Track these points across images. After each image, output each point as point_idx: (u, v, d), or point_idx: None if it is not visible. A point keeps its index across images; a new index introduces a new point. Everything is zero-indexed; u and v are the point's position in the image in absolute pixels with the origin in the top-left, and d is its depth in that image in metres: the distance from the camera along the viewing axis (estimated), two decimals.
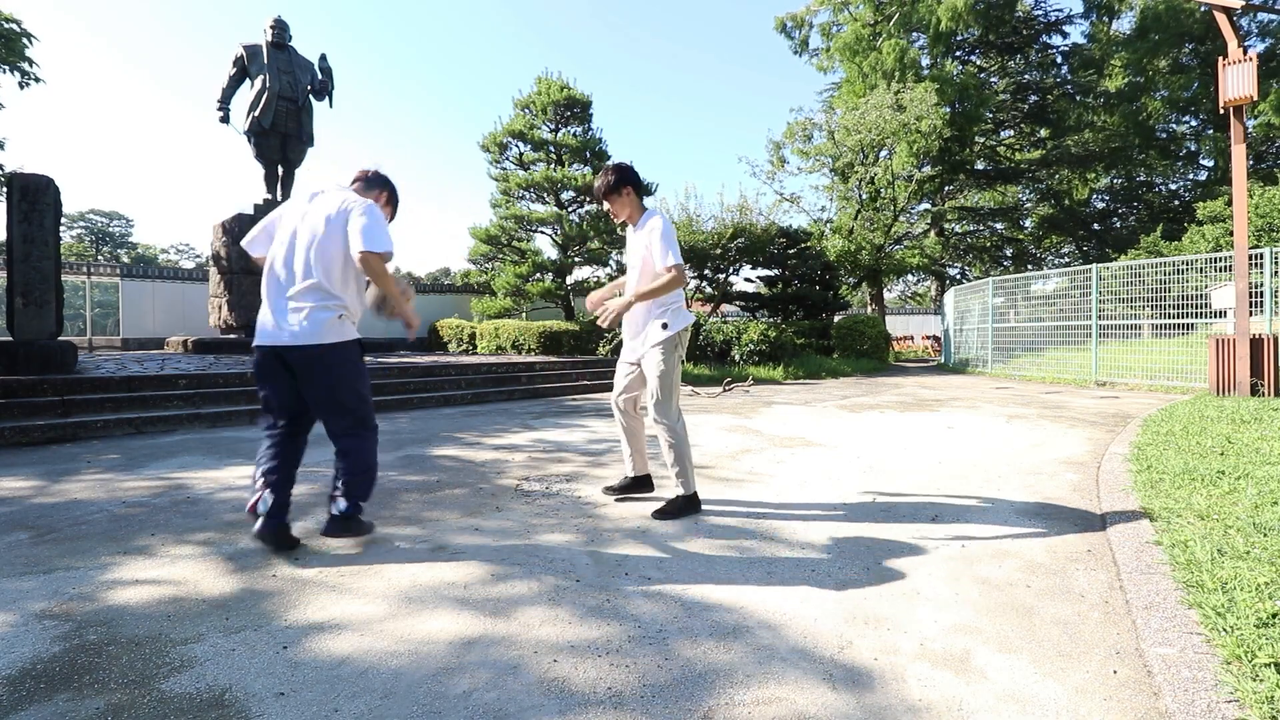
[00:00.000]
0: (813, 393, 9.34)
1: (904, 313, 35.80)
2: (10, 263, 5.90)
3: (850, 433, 5.54)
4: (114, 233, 49.66)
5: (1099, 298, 11.04)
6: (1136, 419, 6.00)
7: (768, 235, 14.92)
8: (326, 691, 1.53)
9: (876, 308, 23.38)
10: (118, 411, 5.54)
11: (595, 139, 16.14)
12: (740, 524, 2.89)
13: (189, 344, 10.82)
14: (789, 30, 25.86)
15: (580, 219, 16.02)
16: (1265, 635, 1.60)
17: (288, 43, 11.68)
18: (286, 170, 11.91)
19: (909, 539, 2.68)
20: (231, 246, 11.03)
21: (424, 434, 5.42)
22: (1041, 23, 25.75)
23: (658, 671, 1.63)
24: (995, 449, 4.75)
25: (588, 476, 3.84)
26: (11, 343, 5.77)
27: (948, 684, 1.58)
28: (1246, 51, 7.31)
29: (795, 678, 1.61)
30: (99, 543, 2.59)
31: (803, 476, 3.85)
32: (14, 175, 5.94)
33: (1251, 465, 3.47)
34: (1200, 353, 9.03)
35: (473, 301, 16.57)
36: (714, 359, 12.69)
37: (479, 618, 1.94)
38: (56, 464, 4.09)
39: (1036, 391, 9.46)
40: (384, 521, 2.92)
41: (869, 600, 2.07)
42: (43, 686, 1.54)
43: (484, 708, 1.47)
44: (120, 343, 14.11)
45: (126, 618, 1.92)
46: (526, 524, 2.89)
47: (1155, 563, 2.23)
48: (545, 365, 10.18)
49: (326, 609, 1.99)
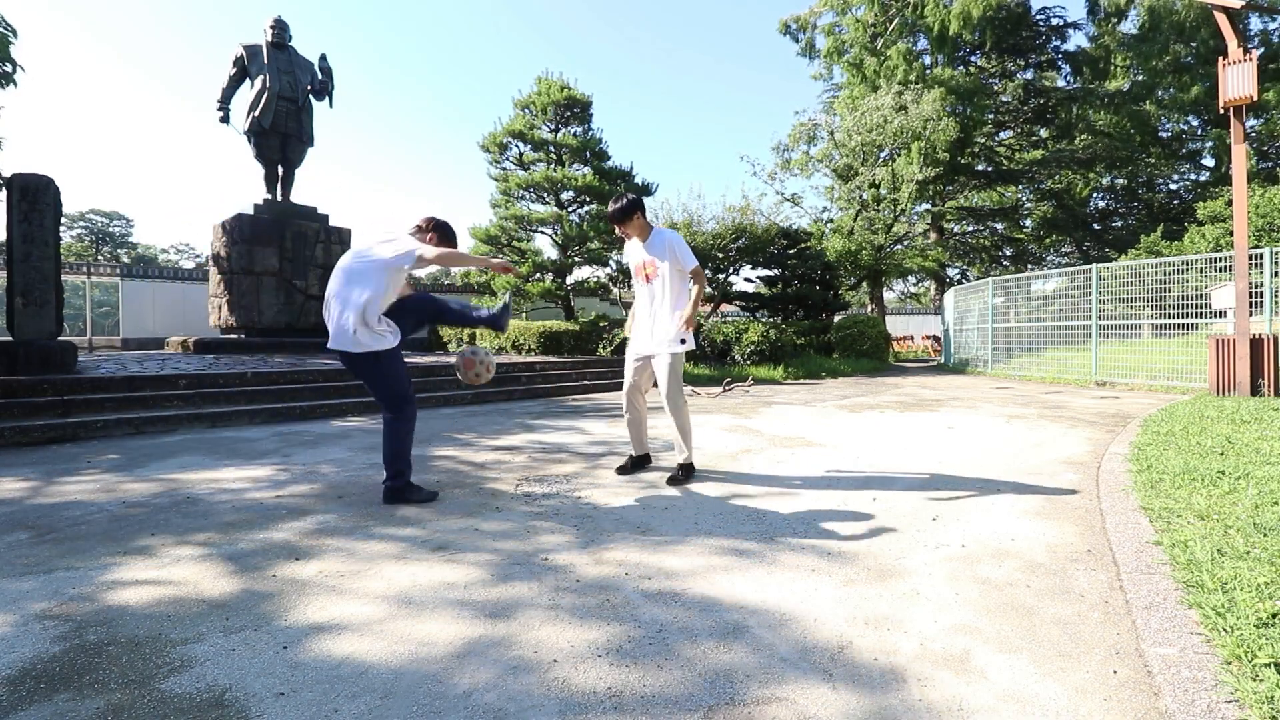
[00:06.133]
0: (813, 393, 9.34)
1: (904, 313, 35.80)
2: (10, 263, 5.90)
3: (850, 433, 5.54)
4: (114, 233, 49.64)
5: (1099, 298, 11.04)
6: (1136, 419, 6.00)
7: (768, 235, 14.93)
8: (326, 691, 1.53)
9: (876, 308, 23.38)
10: (118, 411, 5.54)
11: (595, 139, 16.13)
12: (740, 524, 2.89)
13: (189, 344, 10.82)
14: (793, 32, 25.89)
15: (580, 219, 16.01)
16: (1265, 635, 1.60)
17: (288, 43, 11.69)
18: (286, 170, 11.92)
19: (909, 539, 2.68)
20: (231, 247, 11.05)
21: (424, 434, 5.42)
22: (1044, 28, 25.72)
23: (658, 671, 1.63)
24: (995, 449, 4.75)
25: (588, 477, 3.84)
26: (11, 343, 5.77)
27: (948, 684, 1.58)
28: (1247, 51, 7.31)
29: (795, 677, 1.61)
30: (99, 543, 2.59)
31: (802, 477, 3.85)
32: (14, 175, 5.94)
33: (1251, 465, 3.47)
34: (1200, 353, 9.03)
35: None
36: (714, 359, 12.69)
37: (479, 618, 1.94)
38: (56, 464, 4.09)
39: (1036, 391, 9.46)
40: (383, 522, 2.92)
41: (869, 600, 2.07)
42: (43, 686, 1.54)
43: (484, 708, 1.47)
44: (120, 343, 14.12)
45: (126, 618, 1.92)
46: (526, 524, 2.90)
47: (1155, 563, 2.23)
48: (545, 365, 10.18)
49: (326, 609, 1.99)
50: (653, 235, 3.65)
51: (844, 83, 25.35)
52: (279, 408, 6.17)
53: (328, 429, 5.66)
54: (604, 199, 15.57)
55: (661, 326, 3.61)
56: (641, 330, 3.71)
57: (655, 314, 3.63)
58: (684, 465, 3.74)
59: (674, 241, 3.58)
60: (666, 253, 3.57)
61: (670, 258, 3.56)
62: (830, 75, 26.75)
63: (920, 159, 18.57)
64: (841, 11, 24.42)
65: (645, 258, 3.65)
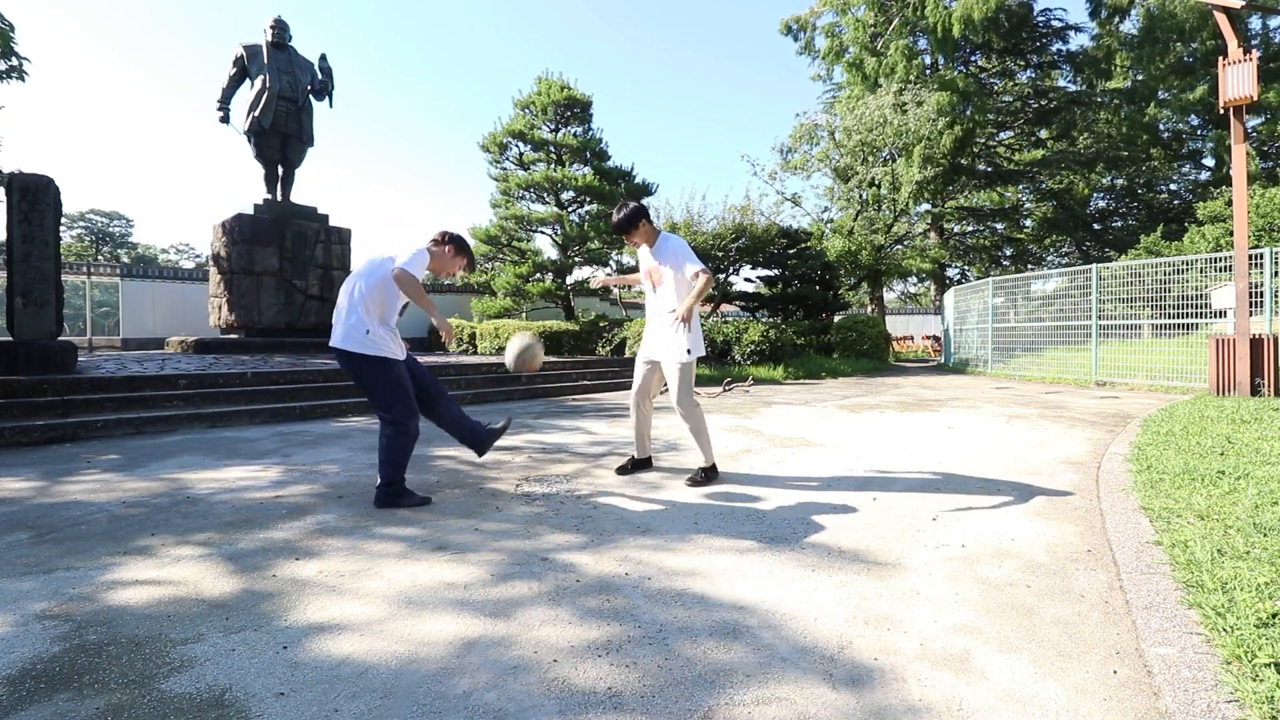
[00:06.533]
0: (813, 393, 9.34)
1: (904, 313, 35.80)
2: (10, 263, 5.90)
3: (850, 433, 5.54)
4: (114, 233, 49.63)
5: (1099, 298, 11.04)
6: (1136, 419, 6.00)
7: (768, 235, 14.92)
8: (326, 691, 1.53)
9: (876, 308, 23.37)
10: (118, 411, 5.53)
11: (595, 139, 16.13)
12: (740, 524, 2.89)
13: (189, 344, 10.82)
14: (794, 32, 25.89)
15: (580, 219, 16.02)
16: (1265, 635, 1.60)
17: (288, 43, 11.69)
18: (286, 170, 11.92)
19: (909, 539, 2.68)
20: (231, 247, 11.05)
21: (424, 434, 5.36)
22: (1045, 29, 25.69)
23: (658, 671, 1.63)
24: (995, 449, 4.75)
25: (588, 477, 3.84)
26: (11, 343, 5.77)
27: (948, 684, 1.58)
28: (1247, 51, 7.31)
29: (795, 677, 1.61)
30: (99, 543, 2.59)
31: (802, 477, 3.85)
32: (14, 175, 5.94)
33: (1251, 465, 3.47)
34: (1200, 353, 9.03)
35: (473, 301, 16.57)
36: (714, 359, 12.69)
37: (479, 618, 1.94)
38: (56, 464, 4.09)
39: (1036, 391, 9.46)
40: (384, 522, 2.92)
41: (869, 600, 2.07)
42: (43, 686, 1.54)
43: (484, 708, 1.47)
44: (120, 343, 14.11)
45: (126, 618, 1.92)
46: (526, 524, 2.90)
47: (1155, 563, 2.23)
48: (545, 365, 10.18)
49: (326, 609, 1.99)
50: (659, 241, 3.68)
51: (844, 82, 25.34)
52: (279, 408, 6.17)
53: (328, 429, 5.66)
54: (604, 199, 15.58)
55: (667, 334, 3.64)
56: (651, 334, 3.76)
57: (662, 320, 3.66)
58: (705, 469, 3.72)
59: (677, 248, 3.60)
60: (670, 259, 3.60)
61: (673, 263, 3.59)
62: (830, 76, 26.76)
63: (920, 161, 18.58)
64: (842, 11, 24.41)
65: (651, 264, 3.69)
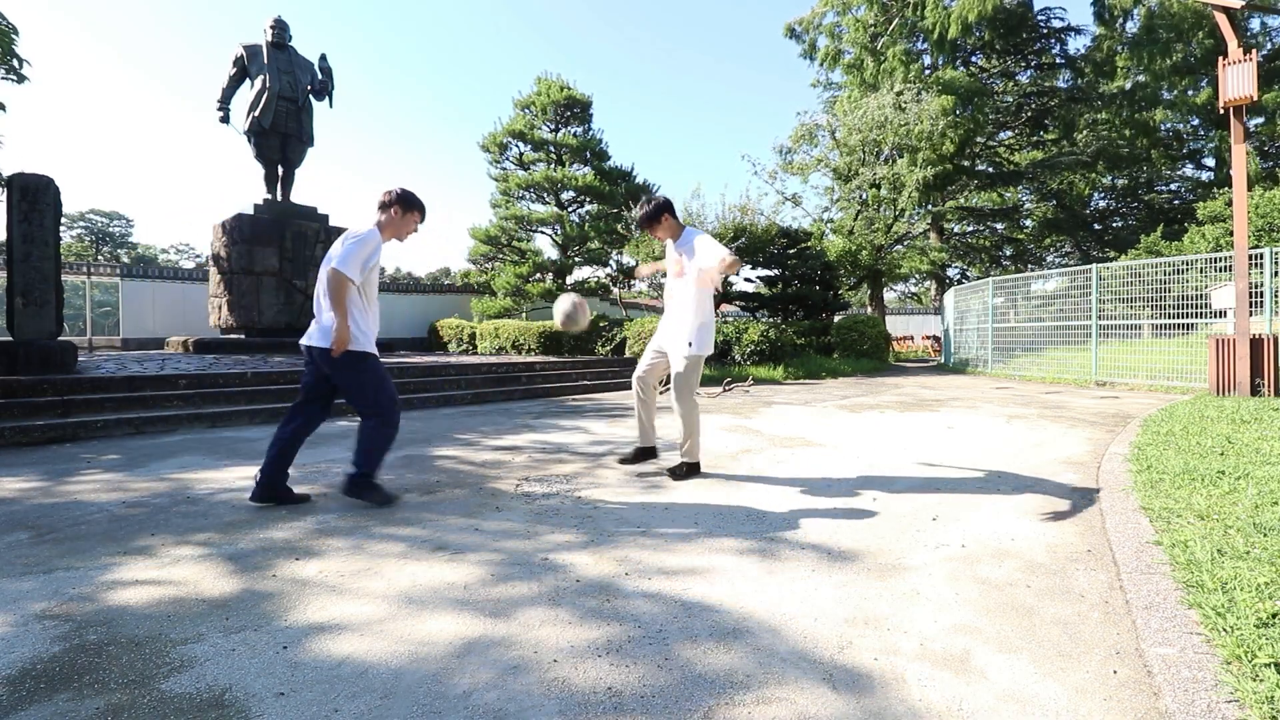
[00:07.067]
0: (813, 393, 9.34)
1: (904, 313, 35.80)
2: (10, 263, 5.90)
3: (850, 433, 5.54)
4: (114, 233, 49.65)
5: (1099, 298, 11.04)
6: (1136, 419, 6.00)
7: (768, 235, 14.92)
8: (326, 691, 1.53)
9: (876, 308, 23.36)
10: (118, 411, 5.54)
11: (595, 139, 16.14)
12: (740, 524, 2.89)
13: (189, 344, 10.82)
14: (798, 35, 25.88)
15: (580, 219, 16.02)
16: (1265, 635, 1.60)
17: (288, 43, 11.69)
18: (286, 170, 11.92)
19: (909, 539, 2.68)
20: (231, 247, 11.05)
21: (424, 434, 5.42)
22: (1045, 29, 25.68)
23: (658, 672, 1.63)
24: (995, 449, 4.75)
25: (588, 477, 3.84)
26: (11, 343, 5.77)
27: (948, 684, 1.58)
28: (1247, 51, 7.31)
29: (795, 678, 1.61)
30: (99, 543, 2.59)
31: (802, 477, 3.85)
32: (14, 175, 5.94)
33: (1251, 465, 3.47)
34: (1200, 353, 9.03)
35: (473, 302, 16.57)
36: (714, 359, 12.68)
37: (479, 618, 1.94)
38: (56, 464, 4.09)
39: (1036, 391, 9.46)
40: (384, 522, 2.92)
41: (869, 600, 2.07)
42: (43, 686, 1.54)
43: (484, 708, 1.47)
44: (120, 343, 14.10)
45: (126, 618, 1.92)
46: (527, 524, 2.89)
47: (1155, 563, 2.23)
48: (545, 365, 10.18)
49: (326, 609, 1.99)
50: (684, 234, 3.78)
51: (844, 83, 25.33)
52: (279, 408, 6.17)
53: (327, 429, 5.66)
54: (604, 199, 15.58)
55: (676, 327, 3.71)
56: (664, 324, 3.86)
57: (678, 311, 3.73)
58: (685, 463, 3.80)
59: (699, 241, 3.65)
60: (692, 251, 3.67)
61: (694, 256, 3.64)
62: (831, 77, 26.75)
63: (924, 162, 18.60)
64: (842, 11, 24.42)
65: (675, 255, 3.79)
